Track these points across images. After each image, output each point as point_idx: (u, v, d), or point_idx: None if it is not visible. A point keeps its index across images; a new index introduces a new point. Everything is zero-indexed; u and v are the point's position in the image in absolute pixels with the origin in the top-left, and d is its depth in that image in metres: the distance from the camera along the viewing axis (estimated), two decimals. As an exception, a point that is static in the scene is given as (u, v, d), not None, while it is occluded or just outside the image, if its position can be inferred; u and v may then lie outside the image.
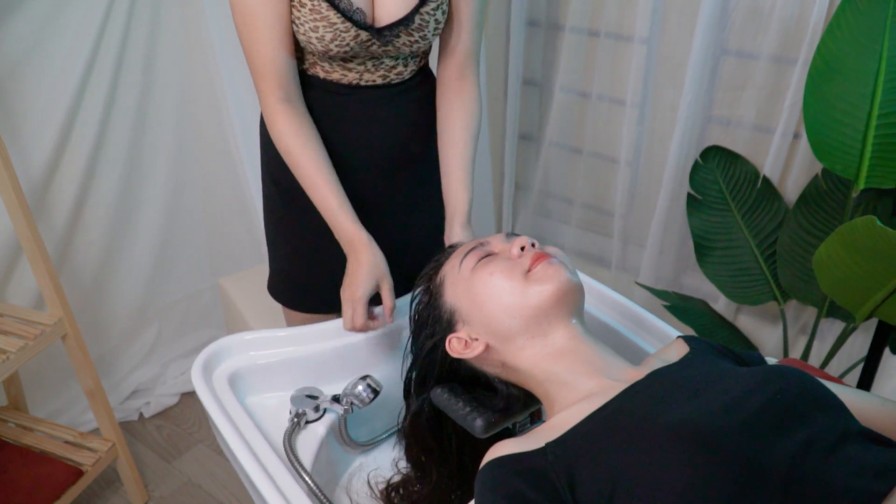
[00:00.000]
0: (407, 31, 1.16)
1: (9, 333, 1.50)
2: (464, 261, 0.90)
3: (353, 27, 1.12)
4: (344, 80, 1.23)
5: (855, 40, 1.36)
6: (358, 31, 1.13)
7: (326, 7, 1.10)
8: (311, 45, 1.15)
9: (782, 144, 1.63)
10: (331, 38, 1.13)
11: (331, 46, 1.14)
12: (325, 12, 1.10)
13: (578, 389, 0.81)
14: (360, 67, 1.22)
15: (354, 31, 1.13)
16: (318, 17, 1.11)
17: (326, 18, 1.11)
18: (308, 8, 1.10)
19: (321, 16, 1.10)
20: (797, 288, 1.63)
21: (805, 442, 0.65)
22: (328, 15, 1.10)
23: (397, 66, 1.25)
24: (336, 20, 1.11)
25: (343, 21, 1.11)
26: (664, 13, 1.74)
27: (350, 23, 1.11)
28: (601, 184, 2.05)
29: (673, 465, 0.64)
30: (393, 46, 1.18)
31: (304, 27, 1.12)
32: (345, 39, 1.13)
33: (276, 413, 1.09)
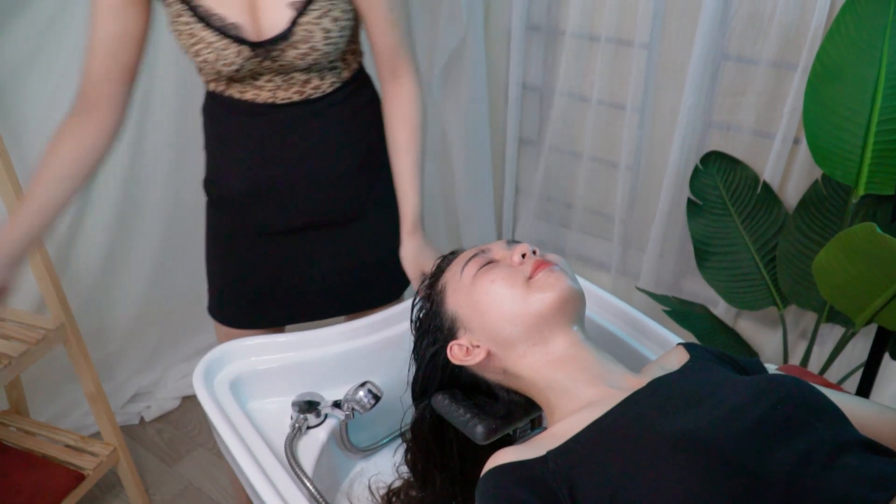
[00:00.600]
0: (291, 44, 1.12)
1: (11, 338, 1.51)
2: (465, 268, 0.91)
3: (232, 43, 1.10)
4: (259, 100, 1.20)
5: (855, 46, 1.37)
6: (239, 47, 1.10)
7: (201, 28, 1.09)
8: (205, 67, 1.13)
9: (782, 150, 1.64)
10: (214, 59, 1.11)
11: (218, 66, 1.12)
12: (199, 33, 1.09)
13: (579, 397, 0.81)
14: (269, 84, 1.18)
15: (235, 47, 1.10)
16: (196, 40, 1.09)
17: (203, 39, 1.09)
18: (186, 34, 1.10)
19: (198, 38, 1.09)
20: (797, 293, 1.63)
21: (804, 452, 0.65)
22: (204, 35, 1.09)
23: (311, 79, 1.19)
24: (213, 39, 1.09)
25: (220, 38, 1.09)
26: (664, 18, 1.74)
27: (228, 39, 1.09)
28: (601, 188, 2.06)
29: (673, 474, 0.64)
30: (286, 60, 1.14)
31: (190, 52, 1.12)
32: (228, 57, 1.11)
33: (278, 418, 1.10)
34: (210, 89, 1.25)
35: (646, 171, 1.93)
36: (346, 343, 1.17)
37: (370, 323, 1.19)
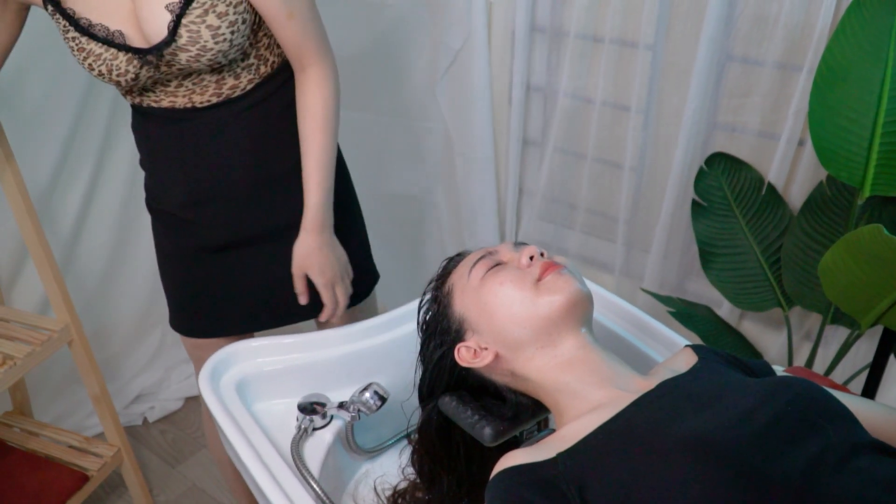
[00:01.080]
0: (179, 47, 1.07)
1: (16, 339, 1.51)
2: (472, 270, 0.90)
3: (119, 52, 1.07)
4: (178, 105, 1.17)
5: (860, 47, 1.37)
6: (127, 56, 1.08)
7: (86, 41, 1.07)
8: (102, 79, 1.11)
9: (787, 151, 1.63)
10: (107, 70, 1.09)
11: (114, 77, 1.10)
12: (87, 46, 1.08)
13: (588, 399, 0.81)
14: (182, 89, 1.16)
15: (125, 56, 1.08)
16: (86, 53, 1.08)
17: (92, 52, 1.08)
18: (76, 48, 1.09)
19: (87, 51, 1.08)
20: (802, 294, 1.63)
21: (816, 454, 0.65)
22: (91, 48, 1.07)
23: (224, 79, 1.16)
24: (100, 50, 1.07)
25: (107, 49, 1.07)
26: (669, 20, 1.74)
27: (114, 49, 1.07)
28: (605, 189, 2.05)
29: (684, 477, 0.64)
30: (181, 64, 1.10)
31: (84, 67, 1.10)
32: (120, 67, 1.08)
33: (284, 420, 1.10)
34: (130, 102, 1.23)
35: (650, 172, 1.93)
36: (352, 344, 1.17)
37: (376, 324, 1.19)
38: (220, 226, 1.26)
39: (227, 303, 1.33)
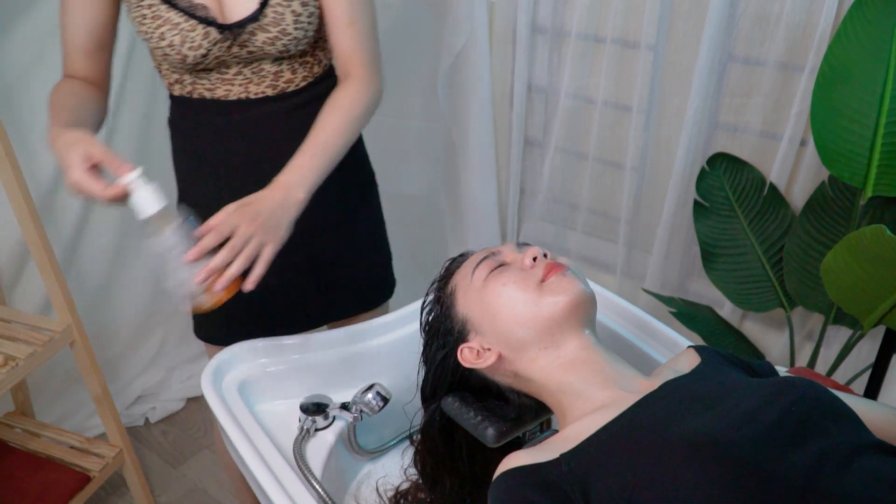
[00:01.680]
0: (261, 27, 1.09)
1: (18, 340, 1.51)
2: (476, 271, 0.90)
3: (198, 25, 1.07)
4: (231, 96, 1.16)
5: (862, 47, 1.37)
6: (206, 29, 1.07)
7: (166, 9, 1.07)
8: (169, 56, 1.10)
9: (789, 151, 1.63)
10: (180, 42, 1.07)
11: (184, 51, 1.08)
12: (165, 14, 1.07)
13: (591, 400, 0.81)
14: (239, 77, 1.15)
15: (202, 29, 1.07)
16: (161, 22, 1.07)
17: (168, 20, 1.07)
18: (149, 17, 1.08)
19: (163, 19, 1.07)
20: (804, 295, 1.63)
21: (820, 454, 0.65)
22: (169, 16, 1.07)
23: (283, 72, 1.17)
24: (179, 20, 1.07)
25: (187, 20, 1.07)
26: (671, 20, 1.74)
27: (194, 20, 1.07)
28: (607, 189, 2.05)
29: (688, 477, 0.64)
30: (255, 45, 1.11)
31: (153, 39, 1.09)
32: (195, 40, 1.08)
33: (286, 420, 1.10)
34: (175, 93, 1.21)
35: (652, 172, 1.93)
36: (355, 345, 1.17)
37: (379, 325, 1.19)
38: None
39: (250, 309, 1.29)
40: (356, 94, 1.15)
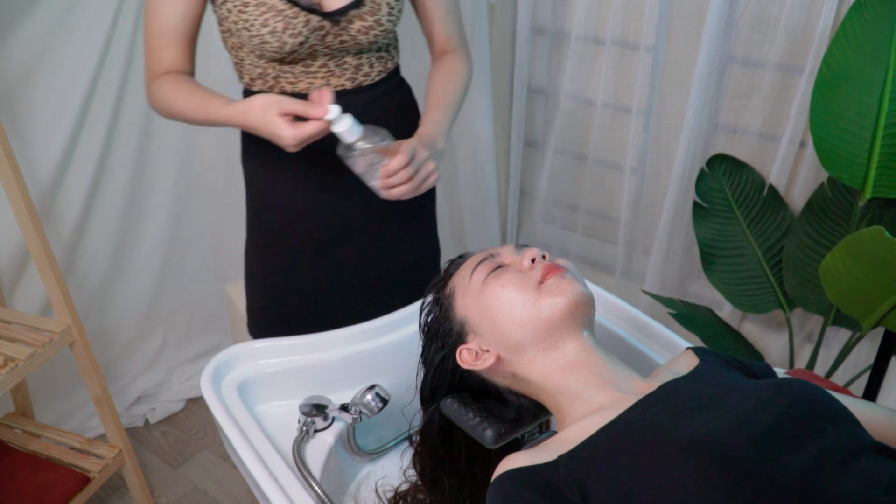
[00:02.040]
0: (360, 14, 1.14)
1: (17, 341, 1.51)
2: (474, 272, 0.90)
3: (301, 12, 1.11)
4: (312, 89, 1.20)
5: (861, 49, 1.37)
6: (308, 16, 1.11)
7: None
8: (267, 44, 1.12)
9: (788, 153, 1.64)
10: (283, 28, 1.11)
11: (285, 38, 1.12)
12: (269, 1, 1.09)
13: (590, 402, 0.81)
14: (323, 70, 1.19)
15: (304, 17, 1.11)
16: (266, 9, 1.10)
17: (273, 7, 1.10)
18: (253, 4, 1.10)
19: (267, 6, 1.10)
20: (803, 296, 1.63)
21: (818, 456, 0.65)
22: (273, 3, 1.09)
23: (362, 65, 1.22)
24: (283, 6, 1.10)
25: (290, 7, 1.10)
26: (670, 21, 1.74)
27: (297, 7, 1.10)
28: (606, 191, 2.06)
29: (686, 479, 0.64)
30: (349, 35, 1.16)
31: (254, 26, 1.11)
32: (296, 27, 1.11)
33: (285, 421, 1.10)
34: (255, 89, 1.23)
35: (651, 173, 1.93)
36: (354, 346, 1.17)
37: (378, 326, 1.19)
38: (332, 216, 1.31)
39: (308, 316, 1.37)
40: (463, 62, 1.34)
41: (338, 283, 1.36)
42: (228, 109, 1.11)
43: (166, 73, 1.18)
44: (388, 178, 1.11)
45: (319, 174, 1.27)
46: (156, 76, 1.18)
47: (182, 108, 1.16)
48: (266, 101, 1.07)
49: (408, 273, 1.39)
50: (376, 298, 1.36)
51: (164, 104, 1.18)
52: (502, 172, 2.26)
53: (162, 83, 1.17)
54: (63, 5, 1.68)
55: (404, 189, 1.13)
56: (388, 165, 1.10)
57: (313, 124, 1.06)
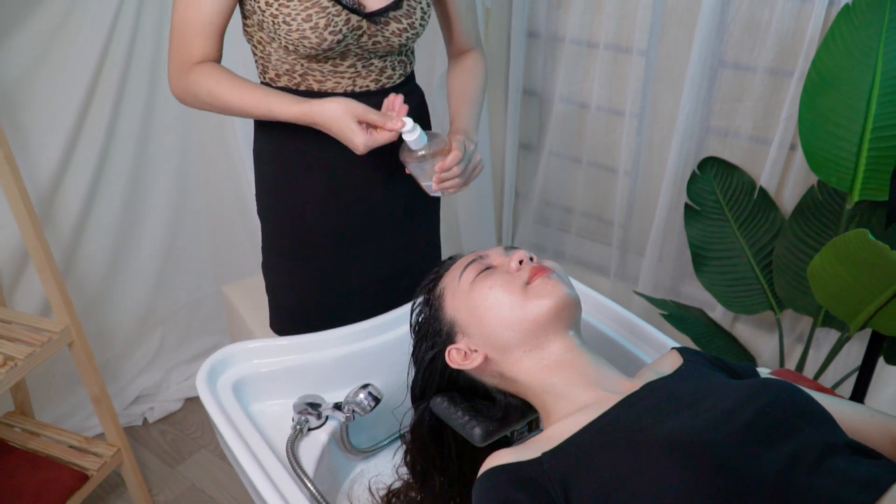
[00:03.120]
0: (396, 17, 1.18)
1: (16, 340, 1.52)
2: (463, 274, 0.92)
3: (343, 10, 1.13)
4: (339, 89, 1.23)
5: (850, 54, 1.39)
6: (349, 16, 1.14)
7: None
8: (306, 39, 1.14)
9: (778, 156, 1.65)
10: (324, 25, 1.13)
11: (325, 34, 1.13)
12: None
13: (574, 401, 0.83)
14: (350, 70, 1.22)
15: (346, 16, 1.14)
16: (311, 4, 1.11)
17: (318, 3, 1.11)
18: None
19: (313, 2, 1.11)
20: (793, 297, 1.65)
21: (792, 454, 0.67)
22: (321, 1, 1.12)
23: (386, 68, 1.25)
24: (327, 4, 1.12)
25: (334, 5, 1.12)
26: (662, 25, 1.76)
27: (340, 6, 1.13)
28: (600, 193, 2.07)
29: (664, 476, 0.66)
30: (383, 36, 1.19)
31: (296, 21, 1.12)
32: (337, 24, 1.13)
33: (280, 420, 1.11)
34: (279, 85, 1.25)
35: (644, 176, 1.95)
36: (347, 346, 1.19)
37: (370, 326, 1.21)
38: (352, 211, 1.33)
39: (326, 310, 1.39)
40: (481, 61, 1.42)
41: (362, 278, 1.39)
42: (299, 108, 1.14)
43: (201, 64, 1.18)
44: (444, 173, 1.18)
45: (338, 173, 1.30)
46: (188, 66, 1.18)
47: (230, 100, 1.17)
48: (345, 108, 1.12)
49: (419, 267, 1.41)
50: (394, 292, 1.39)
51: (204, 96, 1.19)
52: (497, 174, 2.27)
53: (201, 75, 1.17)
54: (62, 8, 1.69)
55: (457, 182, 1.22)
56: (444, 162, 1.18)
57: (386, 134, 1.13)
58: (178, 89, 1.21)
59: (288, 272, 1.40)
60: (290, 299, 1.41)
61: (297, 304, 1.41)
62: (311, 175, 1.30)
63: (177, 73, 1.20)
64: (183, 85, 1.20)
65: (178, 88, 1.21)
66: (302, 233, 1.34)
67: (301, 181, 1.31)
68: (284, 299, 1.42)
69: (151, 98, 1.94)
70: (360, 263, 1.38)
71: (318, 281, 1.38)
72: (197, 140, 2.09)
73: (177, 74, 1.20)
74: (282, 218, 1.35)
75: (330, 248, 1.35)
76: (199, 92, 1.18)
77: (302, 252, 1.36)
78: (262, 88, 1.18)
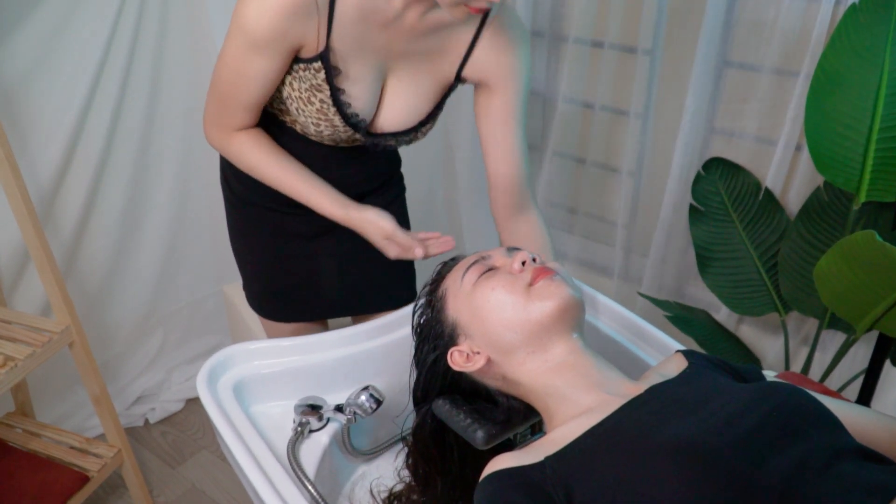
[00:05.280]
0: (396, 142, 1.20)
1: (17, 341, 1.52)
2: (465, 275, 0.91)
3: (350, 129, 1.15)
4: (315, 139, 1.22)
5: (856, 54, 1.37)
6: (355, 134, 1.16)
7: (333, 112, 1.11)
8: (307, 130, 1.17)
9: (784, 156, 1.64)
10: (328, 134, 1.15)
11: (324, 138, 1.17)
12: (330, 116, 1.12)
13: (578, 404, 0.82)
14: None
15: (351, 133, 1.15)
16: (323, 118, 1.12)
17: (331, 121, 1.12)
18: (315, 108, 1.11)
19: (326, 118, 1.12)
20: (798, 299, 1.63)
21: (799, 459, 0.66)
22: (333, 119, 1.12)
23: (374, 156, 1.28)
24: (339, 123, 1.13)
25: (343, 124, 1.13)
26: (667, 25, 1.75)
27: (349, 126, 1.14)
28: (604, 194, 2.06)
29: (669, 481, 0.65)
30: (381, 145, 1.21)
31: (307, 120, 1.14)
32: (341, 136, 1.16)
33: (280, 422, 1.11)
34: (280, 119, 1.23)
35: (648, 176, 1.94)
36: (349, 347, 1.18)
37: (372, 328, 1.20)
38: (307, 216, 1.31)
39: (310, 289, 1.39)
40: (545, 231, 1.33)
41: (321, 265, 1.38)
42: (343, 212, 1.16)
43: (243, 133, 1.17)
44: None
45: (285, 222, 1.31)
46: (228, 131, 1.17)
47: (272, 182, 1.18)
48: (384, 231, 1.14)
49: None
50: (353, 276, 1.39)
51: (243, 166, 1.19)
52: (501, 175, 2.26)
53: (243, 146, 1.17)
54: (64, 8, 1.69)
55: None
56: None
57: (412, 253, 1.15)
58: (215, 145, 1.21)
59: (251, 250, 1.40)
60: (257, 276, 1.42)
61: (253, 283, 1.42)
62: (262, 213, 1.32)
63: (216, 133, 1.19)
64: (222, 146, 1.20)
65: (214, 143, 1.20)
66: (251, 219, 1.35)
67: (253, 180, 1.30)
68: (251, 276, 1.43)
69: (153, 98, 1.94)
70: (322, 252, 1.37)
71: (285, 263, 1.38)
72: (198, 139, 2.08)
73: (216, 134, 1.19)
74: (232, 200, 1.37)
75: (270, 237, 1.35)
76: (240, 161, 1.19)
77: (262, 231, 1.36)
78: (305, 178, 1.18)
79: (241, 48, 1.05)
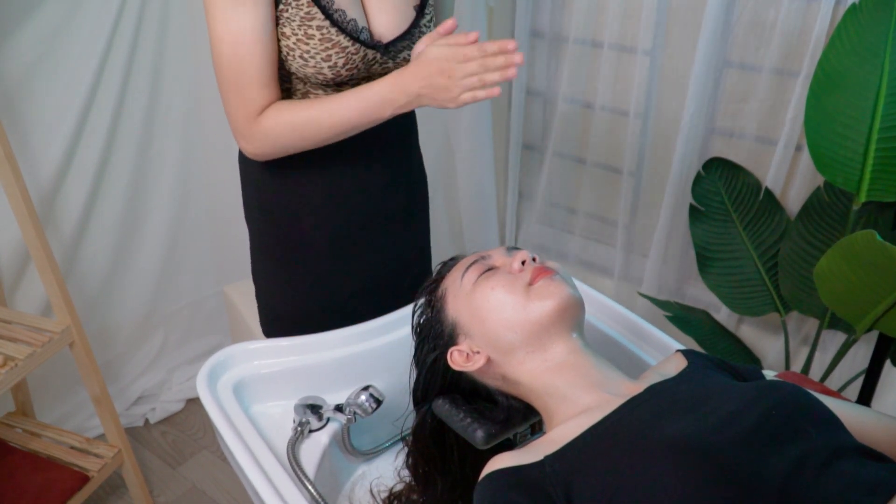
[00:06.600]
0: (406, 45, 1.19)
1: (17, 341, 1.52)
2: (465, 275, 0.91)
3: (361, 48, 1.13)
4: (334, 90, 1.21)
5: (856, 54, 1.37)
6: (366, 51, 1.14)
7: (336, 32, 1.10)
8: (321, 74, 1.13)
9: (784, 156, 1.64)
10: (343, 63, 1.13)
11: (342, 72, 1.14)
12: (335, 38, 1.11)
13: (577, 403, 0.82)
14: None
15: (363, 52, 1.14)
16: (330, 45, 1.11)
17: (338, 44, 1.11)
18: (317, 39, 1.10)
19: (332, 42, 1.11)
20: (799, 299, 1.63)
21: (799, 457, 0.66)
22: (339, 40, 1.11)
23: None
24: (347, 43, 1.11)
25: (353, 43, 1.12)
26: (667, 25, 1.75)
27: (359, 44, 1.13)
28: (604, 194, 2.06)
29: (668, 479, 0.65)
30: (394, 63, 1.19)
31: (314, 59, 1.12)
32: (355, 62, 1.14)
33: (280, 422, 1.11)
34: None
35: (648, 176, 1.94)
36: (349, 347, 1.18)
37: (372, 328, 1.20)
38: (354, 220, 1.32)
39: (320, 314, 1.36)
40: None
41: (356, 283, 1.38)
42: (395, 75, 1.08)
43: (268, 109, 1.13)
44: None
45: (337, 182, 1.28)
46: (254, 117, 1.13)
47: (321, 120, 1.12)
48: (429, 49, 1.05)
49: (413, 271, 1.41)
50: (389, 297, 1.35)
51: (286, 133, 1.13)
52: (501, 175, 2.27)
53: (274, 114, 1.12)
54: (65, 8, 1.69)
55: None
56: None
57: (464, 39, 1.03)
58: (254, 144, 1.15)
59: (281, 277, 1.38)
60: (284, 304, 1.40)
61: (290, 310, 1.39)
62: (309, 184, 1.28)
63: (246, 128, 1.14)
64: (259, 136, 1.14)
65: (252, 143, 1.15)
66: (296, 238, 1.32)
67: (297, 189, 1.29)
68: (277, 304, 1.41)
69: (154, 98, 1.94)
70: (356, 268, 1.36)
71: (312, 286, 1.36)
72: (199, 140, 2.09)
73: (247, 129, 1.14)
74: (275, 223, 1.34)
75: (325, 253, 1.33)
76: (281, 132, 1.13)
77: (296, 257, 1.34)
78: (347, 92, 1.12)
79: (224, 9, 1.05)
